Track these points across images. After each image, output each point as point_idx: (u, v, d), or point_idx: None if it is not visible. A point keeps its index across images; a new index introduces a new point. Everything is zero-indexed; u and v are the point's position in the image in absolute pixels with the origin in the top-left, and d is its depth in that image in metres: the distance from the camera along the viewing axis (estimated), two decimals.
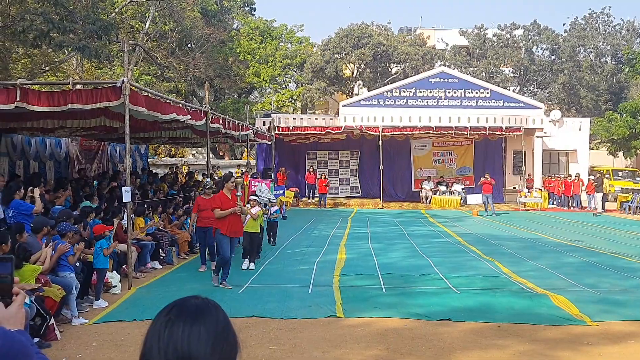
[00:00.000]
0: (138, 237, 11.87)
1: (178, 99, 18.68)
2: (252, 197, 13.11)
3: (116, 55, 29.45)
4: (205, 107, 14.77)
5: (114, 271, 10.29)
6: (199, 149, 42.52)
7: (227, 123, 16.93)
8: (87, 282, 9.40)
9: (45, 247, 8.26)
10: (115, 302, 9.39)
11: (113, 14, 27.52)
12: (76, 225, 9.71)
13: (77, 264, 8.89)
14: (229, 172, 14.36)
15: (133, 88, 10.12)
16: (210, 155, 18.61)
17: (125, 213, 10.85)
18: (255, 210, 12.44)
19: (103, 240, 9.40)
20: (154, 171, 23.99)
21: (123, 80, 9.82)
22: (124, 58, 10.76)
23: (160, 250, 12.77)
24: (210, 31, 36.54)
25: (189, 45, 38.70)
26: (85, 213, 10.51)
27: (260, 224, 12.98)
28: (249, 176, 18.50)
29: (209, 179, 14.60)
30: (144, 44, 31.66)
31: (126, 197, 10.26)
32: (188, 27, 34.25)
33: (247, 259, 12.30)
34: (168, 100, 12.29)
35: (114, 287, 10.06)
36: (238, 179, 11.23)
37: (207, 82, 17.25)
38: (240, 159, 43.29)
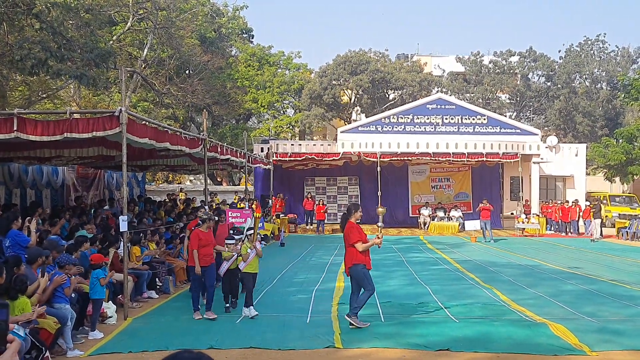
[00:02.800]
0: (134, 267, 11.79)
1: (176, 126, 18.78)
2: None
3: (114, 82, 29.58)
4: (202, 135, 14.78)
5: (110, 301, 10.19)
6: (197, 175, 42.50)
7: (224, 150, 16.94)
8: (82, 312, 9.30)
9: (42, 276, 8.20)
10: (111, 333, 9.29)
11: (111, 42, 27.69)
12: (73, 255, 9.66)
13: (73, 294, 8.81)
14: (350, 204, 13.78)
15: (130, 117, 10.13)
16: (208, 181, 18.57)
17: (122, 242, 10.78)
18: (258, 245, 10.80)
19: (99, 270, 9.33)
20: (152, 198, 23.93)
21: (120, 109, 9.82)
22: (122, 87, 10.79)
23: (157, 279, 12.67)
24: (208, 58, 36.78)
25: (187, 71, 38.93)
26: (79, 242, 10.44)
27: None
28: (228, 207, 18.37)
29: (206, 207, 14.54)
30: (141, 71, 31.82)
31: (123, 226, 10.20)
32: (186, 54, 34.47)
33: (250, 307, 10.42)
34: (165, 129, 12.29)
35: (110, 317, 9.94)
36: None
37: (204, 110, 17.29)
38: (239, 184, 43.27)
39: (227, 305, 10.78)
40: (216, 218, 11.62)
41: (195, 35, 38.10)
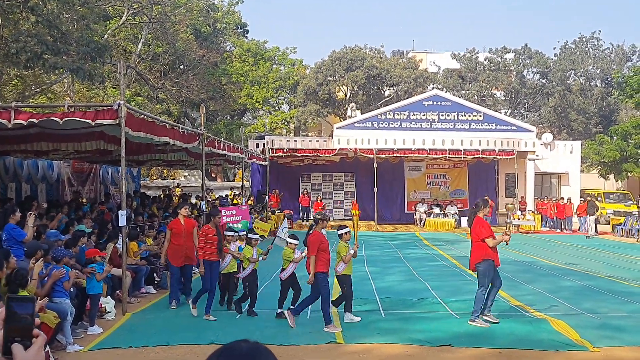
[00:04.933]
0: (132, 262, 11.71)
1: (170, 121, 18.61)
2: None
3: (108, 77, 29.37)
4: (200, 130, 14.69)
5: (108, 296, 10.12)
6: (192, 171, 42.37)
7: (222, 145, 16.86)
8: (81, 307, 9.23)
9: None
10: (110, 328, 9.23)
11: (105, 36, 27.50)
12: (71, 250, 9.58)
13: (72, 289, 8.74)
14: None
15: (129, 110, 10.04)
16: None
17: (121, 237, 10.71)
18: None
19: (95, 265, 9.24)
20: (146, 194, 23.82)
21: (119, 102, 9.73)
22: (120, 80, 10.67)
23: (155, 274, 12.60)
24: (203, 53, 36.61)
25: (182, 67, 38.73)
26: (77, 237, 10.36)
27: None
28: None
29: (203, 202, 14.47)
30: (136, 66, 31.64)
31: (122, 221, 10.12)
32: (181, 49, 34.29)
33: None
34: (163, 123, 12.20)
35: (108, 312, 9.88)
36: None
37: (202, 104, 17.21)
38: (234, 180, 43.17)
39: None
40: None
41: (190, 30, 37.89)
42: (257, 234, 10.71)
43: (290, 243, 10.14)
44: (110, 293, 10.35)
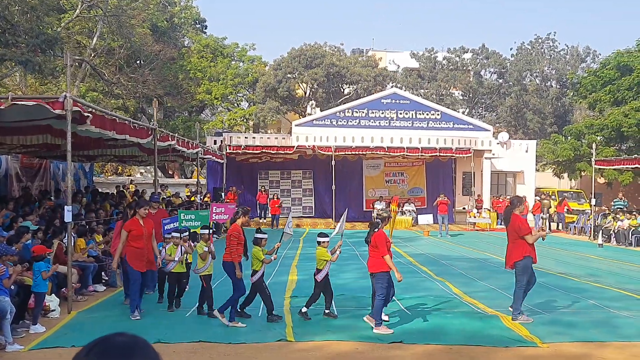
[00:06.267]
0: (80, 259, 11.38)
1: (126, 117, 18.19)
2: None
3: (61, 71, 28.68)
4: (153, 125, 14.38)
5: (53, 294, 9.80)
6: (147, 167, 41.73)
7: (176, 141, 16.55)
8: (23, 306, 8.90)
9: None
10: (54, 327, 8.93)
11: (59, 29, 26.83)
12: (14, 247, 9.24)
13: (12, 287, 8.41)
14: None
15: (76, 103, 9.73)
16: (159, 174, 18.22)
17: (67, 233, 10.38)
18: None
19: (42, 262, 8.93)
20: (100, 190, 23.32)
21: (65, 94, 9.42)
22: (67, 72, 10.34)
23: (103, 272, 12.27)
24: (160, 48, 36.06)
25: (138, 61, 38.11)
26: (20, 233, 10.00)
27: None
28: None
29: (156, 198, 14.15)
30: (91, 60, 30.97)
31: (67, 216, 9.81)
32: (137, 44, 33.71)
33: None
34: (114, 117, 11.88)
35: (53, 311, 9.56)
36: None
37: (155, 99, 16.84)
38: (191, 177, 42.65)
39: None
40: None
41: (147, 24, 37.27)
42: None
43: (323, 242, 9.74)
44: (55, 291, 10.03)
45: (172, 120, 43.20)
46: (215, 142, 30.23)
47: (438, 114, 32.27)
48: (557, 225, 29.83)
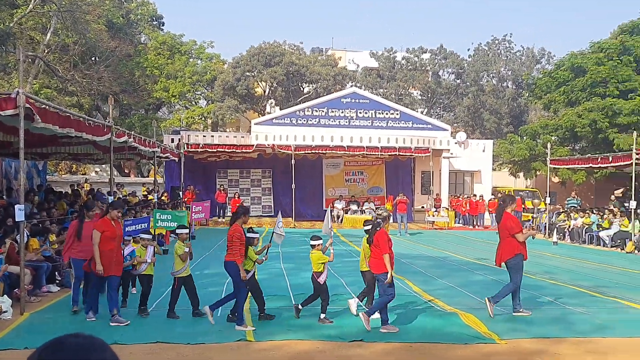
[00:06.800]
0: (33, 259, 11.05)
1: (81, 114, 17.77)
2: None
3: (14, 67, 27.94)
4: (108, 122, 14.08)
5: (5, 295, 9.50)
6: (103, 165, 40.95)
7: (132, 138, 16.25)
8: None
9: None
10: (6, 328, 8.66)
11: (11, 24, 26.12)
12: None
13: None
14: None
15: (29, 100, 9.44)
16: (115, 172, 17.90)
17: (19, 233, 10.07)
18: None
19: None
20: (54, 189, 22.77)
21: (17, 91, 9.14)
22: (20, 68, 10.03)
23: (57, 272, 11.96)
24: (115, 44, 35.41)
25: (93, 58, 37.39)
26: None
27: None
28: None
29: (111, 197, 13.88)
30: (44, 56, 30.22)
31: (19, 215, 9.51)
32: (92, 40, 33.05)
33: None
34: (68, 114, 11.58)
35: (5, 312, 9.27)
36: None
37: (111, 96, 16.52)
38: (148, 176, 42.01)
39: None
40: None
41: (102, 20, 36.53)
42: (187, 230, 10.12)
43: (317, 245, 9.59)
44: (7, 292, 9.73)
45: (128, 118, 42.49)
46: (172, 141, 29.83)
47: (397, 114, 32.50)
48: None
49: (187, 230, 9.95)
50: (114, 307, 9.09)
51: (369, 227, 9.47)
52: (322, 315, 9.40)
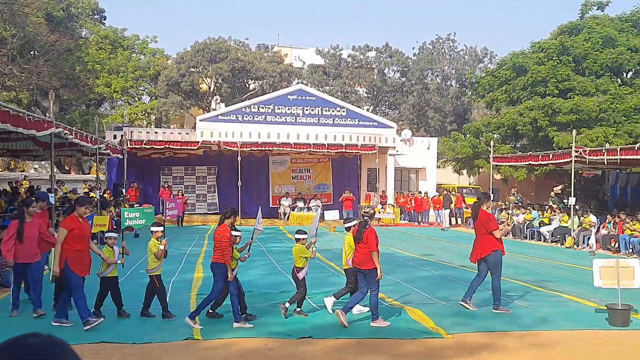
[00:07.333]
0: None
1: (20, 109, 17.22)
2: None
3: None
4: (49, 117, 13.66)
5: None
6: (42, 162, 39.75)
7: (73, 134, 15.81)
8: None
9: None
10: None
11: None
12: None
13: None
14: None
15: None
16: (55, 169, 17.39)
17: None
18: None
19: None
20: None
21: None
22: None
23: None
24: (55, 38, 34.42)
25: (32, 52, 36.27)
26: None
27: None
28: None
29: (52, 195, 13.47)
30: None
31: None
32: (31, 33, 32.06)
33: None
34: (7, 109, 11.18)
35: None
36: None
37: (52, 91, 16.03)
38: (89, 173, 41.01)
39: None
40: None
41: (41, 13, 35.47)
42: (161, 227, 9.81)
43: (302, 239, 9.74)
44: None
45: (68, 113, 41.39)
46: (115, 137, 29.21)
47: (344, 111, 32.63)
48: (456, 220, 30.87)
49: (161, 228, 9.68)
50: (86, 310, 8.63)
51: (351, 224, 9.78)
52: (298, 309, 9.51)
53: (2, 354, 1.19)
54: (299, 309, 9.54)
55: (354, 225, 9.71)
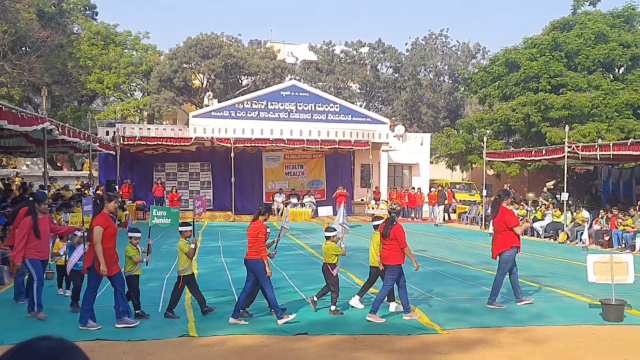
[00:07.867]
0: None
1: (12, 106, 17.13)
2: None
3: None
4: (41, 114, 13.59)
5: None
6: (34, 159, 39.59)
7: (67, 131, 15.74)
8: None
9: None
10: None
11: None
12: None
13: None
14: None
15: None
16: (47, 166, 17.27)
17: None
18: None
19: None
20: None
21: None
22: None
23: None
24: (47, 34, 34.25)
25: (24, 48, 36.07)
26: None
27: None
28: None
29: (45, 192, 13.41)
30: None
31: None
32: (22, 29, 31.88)
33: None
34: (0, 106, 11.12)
35: None
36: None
37: (43, 87, 15.95)
38: (81, 170, 40.87)
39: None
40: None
41: (33, 9, 35.29)
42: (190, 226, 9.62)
43: (332, 236, 9.78)
44: None
45: (60, 110, 41.19)
46: (107, 133, 29.09)
47: (337, 107, 32.59)
48: (450, 216, 30.94)
49: (190, 227, 9.55)
50: (126, 307, 8.56)
51: (380, 222, 9.87)
52: (333, 307, 9.50)
53: (14, 357, 1.19)
54: (333, 308, 9.48)
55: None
